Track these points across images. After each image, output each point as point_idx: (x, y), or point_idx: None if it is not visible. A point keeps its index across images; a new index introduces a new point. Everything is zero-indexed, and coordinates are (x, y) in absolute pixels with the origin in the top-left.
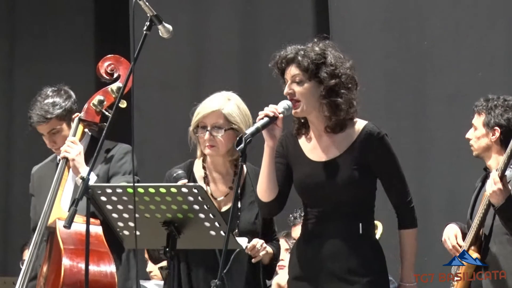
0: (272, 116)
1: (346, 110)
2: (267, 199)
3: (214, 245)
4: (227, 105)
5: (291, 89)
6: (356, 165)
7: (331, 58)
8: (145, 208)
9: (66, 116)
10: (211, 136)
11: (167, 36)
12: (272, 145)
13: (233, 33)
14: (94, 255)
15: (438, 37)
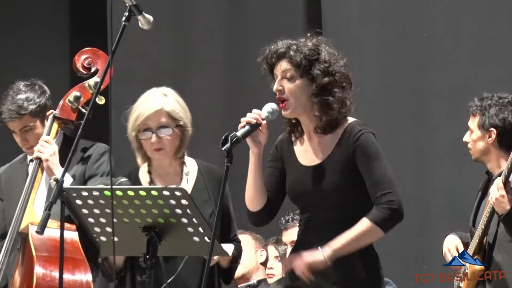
0: (254, 123)
1: (338, 109)
2: (254, 208)
3: (197, 252)
4: (167, 102)
5: (280, 86)
6: (341, 167)
7: (325, 54)
8: (123, 212)
9: (40, 113)
10: (158, 138)
11: (147, 27)
12: (257, 152)
13: (220, 24)
14: (69, 263)
15: (438, 28)
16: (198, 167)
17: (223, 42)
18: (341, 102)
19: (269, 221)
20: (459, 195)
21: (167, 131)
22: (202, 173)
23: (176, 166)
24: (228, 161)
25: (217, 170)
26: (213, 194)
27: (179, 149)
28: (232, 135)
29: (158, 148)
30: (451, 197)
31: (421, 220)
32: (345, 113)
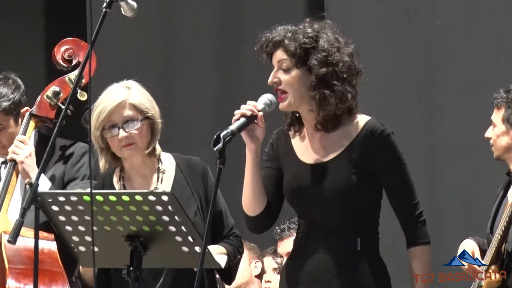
0: (250, 115)
1: (336, 104)
2: (253, 212)
3: (187, 263)
4: (131, 93)
5: (276, 77)
6: (354, 168)
7: (324, 42)
8: (104, 219)
9: (14, 110)
10: (125, 133)
11: (131, 14)
12: (254, 149)
13: (211, 11)
14: (45, 276)
15: (451, 17)
16: (176, 162)
17: (215, 30)
18: (340, 96)
19: (269, 227)
20: (474, 198)
21: (135, 125)
22: (180, 168)
23: (150, 164)
24: (221, 163)
25: (198, 162)
26: (196, 189)
27: (150, 143)
28: (226, 132)
29: (128, 144)
30: (465, 201)
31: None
32: (346, 108)
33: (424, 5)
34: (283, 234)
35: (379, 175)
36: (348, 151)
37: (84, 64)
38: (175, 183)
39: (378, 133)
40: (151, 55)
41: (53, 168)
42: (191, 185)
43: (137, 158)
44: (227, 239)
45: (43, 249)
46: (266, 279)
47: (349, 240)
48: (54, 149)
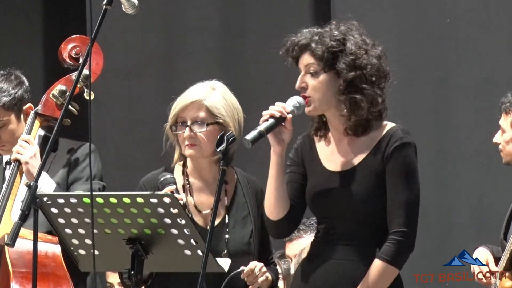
0: (278, 116)
1: (367, 108)
2: (275, 217)
3: (189, 267)
4: (211, 95)
5: (303, 82)
6: (375, 176)
7: (352, 45)
8: (105, 222)
9: (16, 106)
10: (191, 132)
11: (131, 11)
12: (280, 152)
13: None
14: (50, 280)
15: (463, 13)
16: (237, 176)
17: (217, 28)
18: (371, 100)
19: (291, 232)
20: (486, 203)
21: (202, 127)
22: (241, 184)
23: (215, 171)
24: (224, 164)
25: (257, 182)
26: (253, 209)
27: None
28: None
29: (191, 144)
30: (477, 205)
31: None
32: (377, 112)
33: (435, 2)
34: (293, 235)
35: (386, 181)
36: (370, 158)
37: (84, 63)
38: (235, 199)
39: (395, 140)
40: (152, 53)
41: (60, 172)
42: (249, 203)
43: (203, 161)
44: (269, 266)
45: (47, 252)
46: None
47: (368, 249)
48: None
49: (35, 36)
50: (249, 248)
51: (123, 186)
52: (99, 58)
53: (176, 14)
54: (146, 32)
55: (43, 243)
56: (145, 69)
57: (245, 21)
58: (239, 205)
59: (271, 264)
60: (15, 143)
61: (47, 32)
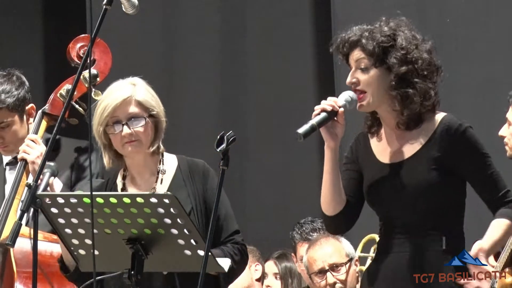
0: (330, 110)
1: (420, 102)
2: (332, 212)
3: (189, 267)
4: (137, 90)
5: (354, 77)
6: (434, 165)
7: (402, 40)
8: (105, 222)
9: (19, 107)
10: (129, 129)
11: (132, 11)
12: (333, 146)
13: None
14: (54, 280)
15: (463, 13)
16: (178, 163)
17: (217, 28)
18: (423, 94)
19: (348, 228)
20: None
21: (140, 122)
22: (181, 169)
23: (152, 164)
24: (224, 164)
25: (200, 163)
26: (194, 190)
27: (154, 141)
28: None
29: (131, 140)
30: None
31: None
32: (430, 106)
33: (435, 2)
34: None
35: (461, 171)
36: (426, 149)
37: (84, 63)
38: (172, 184)
39: (455, 128)
40: (153, 53)
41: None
42: (189, 186)
43: (139, 157)
44: (223, 245)
45: (52, 252)
46: (267, 284)
47: (434, 239)
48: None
49: (35, 36)
50: None
51: None
52: (107, 58)
53: (176, 14)
54: (146, 32)
55: (48, 243)
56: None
57: (245, 21)
58: (176, 189)
59: (229, 243)
60: (18, 144)
61: (47, 32)
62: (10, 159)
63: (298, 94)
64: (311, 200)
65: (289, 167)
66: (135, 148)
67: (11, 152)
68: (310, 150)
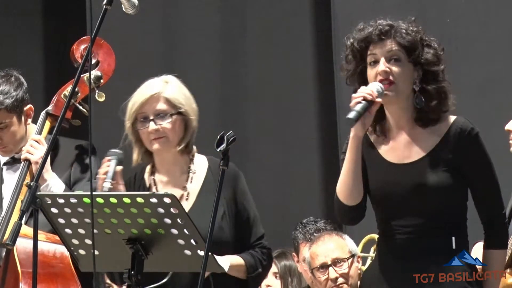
0: (370, 99)
1: (440, 100)
2: (352, 202)
3: (189, 267)
4: (167, 87)
5: (387, 67)
6: (445, 167)
7: (432, 41)
8: (105, 222)
9: (18, 108)
10: (156, 126)
11: (132, 11)
12: (361, 135)
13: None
14: (57, 282)
15: (463, 13)
16: (209, 164)
17: (217, 28)
18: (445, 93)
19: (361, 219)
20: None
21: (166, 119)
22: (212, 170)
23: (182, 163)
24: (224, 164)
25: (231, 166)
26: (225, 193)
27: (183, 140)
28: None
29: (158, 137)
30: None
31: None
32: (449, 106)
33: (435, 2)
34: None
35: (467, 174)
36: (438, 150)
37: (84, 63)
38: (204, 186)
39: (468, 132)
40: (153, 54)
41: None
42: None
43: (168, 155)
44: (252, 250)
45: (55, 253)
46: (267, 284)
47: (444, 240)
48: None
49: (35, 36)
50: (221, 233)
51: None
52: (110, 60)
53: (176, 14)
54: (146, 32)
55: (52, 244)
56: (145, 69)
57: (245, 21)
58: (208, 192)
59: (257, 248)
60: (16, 144)
61: (47, 32)
62: (8, 159)
63: (298, 94)
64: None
65: (289, 167)
66: (162, 145)
67: (9, 152)
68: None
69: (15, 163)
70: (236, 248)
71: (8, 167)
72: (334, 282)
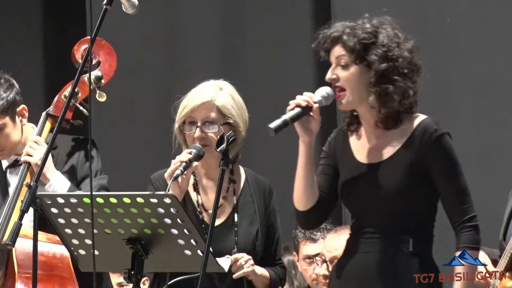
0: (305, 106)
1: (399, 100)
2: (303, 207)
3: (189, 267)
4: (220, 95)
5: (334, 74)
6: (409, 168)
7: (384, 37)
8: (105, 222)
9: (10, 109)
10: (202, 133)
11: (132, 11)
12: (308, 141)
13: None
14: (55, 282)
15: (463, 13)
16: (246, 176)
17: (217, 28)
18: (403, 92)
19: (319, 224)
20: (486, 203)
21: (213, 127)
22: (249, 183)
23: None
24: (224, 164)
25: (265, 181)
26: (259, 208)
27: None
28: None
29: (202, 145)
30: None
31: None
32: (408, 105)
33: (435, 2)
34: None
35: (432, 176)
36: (403, 151)
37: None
38: (242, 197)
39: (430, 132)
40: (152, 53)
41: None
42: (256, 202)
43: (212, 161)
44: (274, 267)
45: (55, 253)
46: None
47: (402, 241)
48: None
49: (35, 36)
50: (254, 247)
51: (123, 186)
52: (112, 60)
53: (176, 14)
54: (146, 32)
55: (52, 244)
56: (145, 69)
57: (245, 21)
58: (246, 203)
59: (278, 266)
60: (14, 147)
61: (47, 32)
62: (11, 162)
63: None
64: None
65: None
66: (206, 152)
67: (7, 155)
68: None
69: (18, 166)
70: (261, 262)
71: (11, 170)
72: None
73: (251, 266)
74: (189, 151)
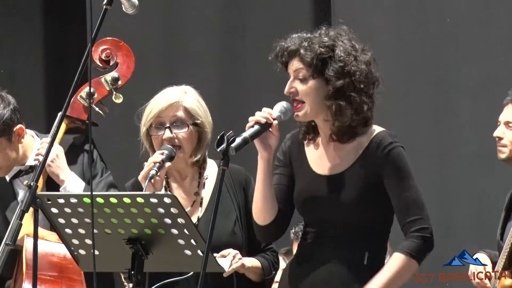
0: (264, 123)
1: (351, 116)
2: (263, 222)
3: (189, 267)
4: (186, 97)
5: (292, 87)
6: (363, 181)
7: (341, 51)
8: (105, 222)
9: (6, 131)
10: (172, 134)
11: (132, 11)
12: (266, 157)
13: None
14: (63, 284)
15: (463, 13)
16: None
17: (217, 28)
18: (356, 108)
19: (279, 236)
20: (486, 203)
21: (183, 128)
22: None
23: (193, 171)
24: (224, 164)
25: (241, 170)
26: (237, 198)
27: (196, 151)
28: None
29: (172, 145)
30: (477, 205)
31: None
32: (361, 120)
33: (435, 2)
34: None
35: (386, 188)
36: (358, 163)
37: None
38: (215, 191)
39: (384, 146)
40: (153, 53)
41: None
42: (232, 193)
43: (180, 162)
44: (263, 253)
45: (65, 254)
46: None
47: (357, 253)
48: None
49: (35, 36)
50: (234, 238)
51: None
52: (130, 62)
53: (176, 14)
54: (146, 32)
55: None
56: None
57: (245, 21)
58: (223, 195)
59: (268, 251)
60: (11, 165)
61: (47, 32)
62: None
63: None
64: None
65: None
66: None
67: (4, 173)
68: None
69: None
70: (248, 251)
71: (16, 180)
72: None
73: (239, 260)
74: (161, 152)
